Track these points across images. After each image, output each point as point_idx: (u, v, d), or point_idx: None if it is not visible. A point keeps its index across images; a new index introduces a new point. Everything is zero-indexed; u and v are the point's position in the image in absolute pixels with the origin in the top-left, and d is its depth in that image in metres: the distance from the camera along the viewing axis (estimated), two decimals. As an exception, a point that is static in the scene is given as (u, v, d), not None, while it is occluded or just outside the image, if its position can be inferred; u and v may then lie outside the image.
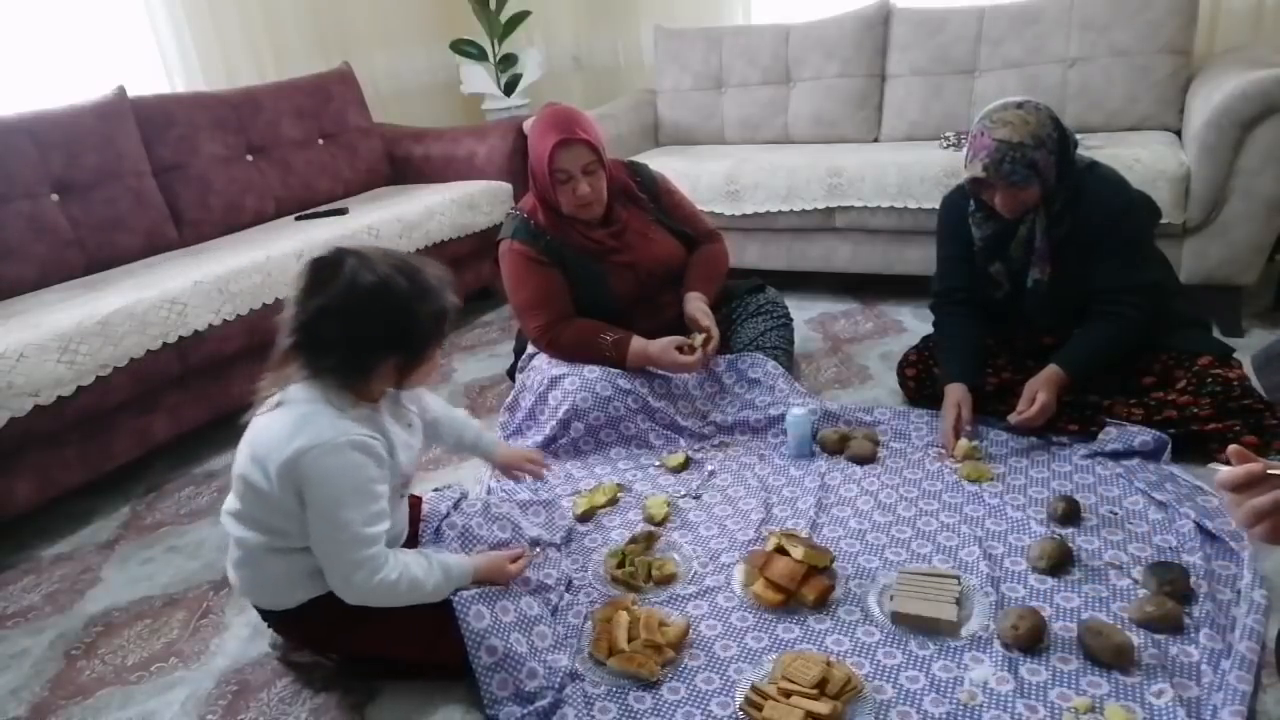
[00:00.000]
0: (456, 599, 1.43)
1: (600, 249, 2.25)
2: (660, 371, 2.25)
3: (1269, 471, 0.84)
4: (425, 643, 1.44)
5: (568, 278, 2.24)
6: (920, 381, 2.25)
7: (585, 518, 1.90)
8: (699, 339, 2.18)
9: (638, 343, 2.18)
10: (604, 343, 2.19)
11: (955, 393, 2.02)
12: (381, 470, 1.37)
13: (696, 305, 2.26)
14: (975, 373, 2.08)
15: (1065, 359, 1.93)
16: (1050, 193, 1.89)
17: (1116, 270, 1.90)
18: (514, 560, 1.55)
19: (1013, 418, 1.95)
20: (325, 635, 1.48)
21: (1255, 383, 1.90)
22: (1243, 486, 0.84)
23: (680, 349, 2.17)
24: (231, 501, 1.45)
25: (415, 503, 1.68)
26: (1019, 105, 1.87)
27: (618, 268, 2.26)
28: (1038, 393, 1.91)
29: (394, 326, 1.33)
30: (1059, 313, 2.00)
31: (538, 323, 2.23)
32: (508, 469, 1.83)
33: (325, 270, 1.31)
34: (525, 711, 1.36)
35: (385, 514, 1.38)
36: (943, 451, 2.01)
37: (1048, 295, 1.98)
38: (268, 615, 1.52)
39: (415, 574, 1.38)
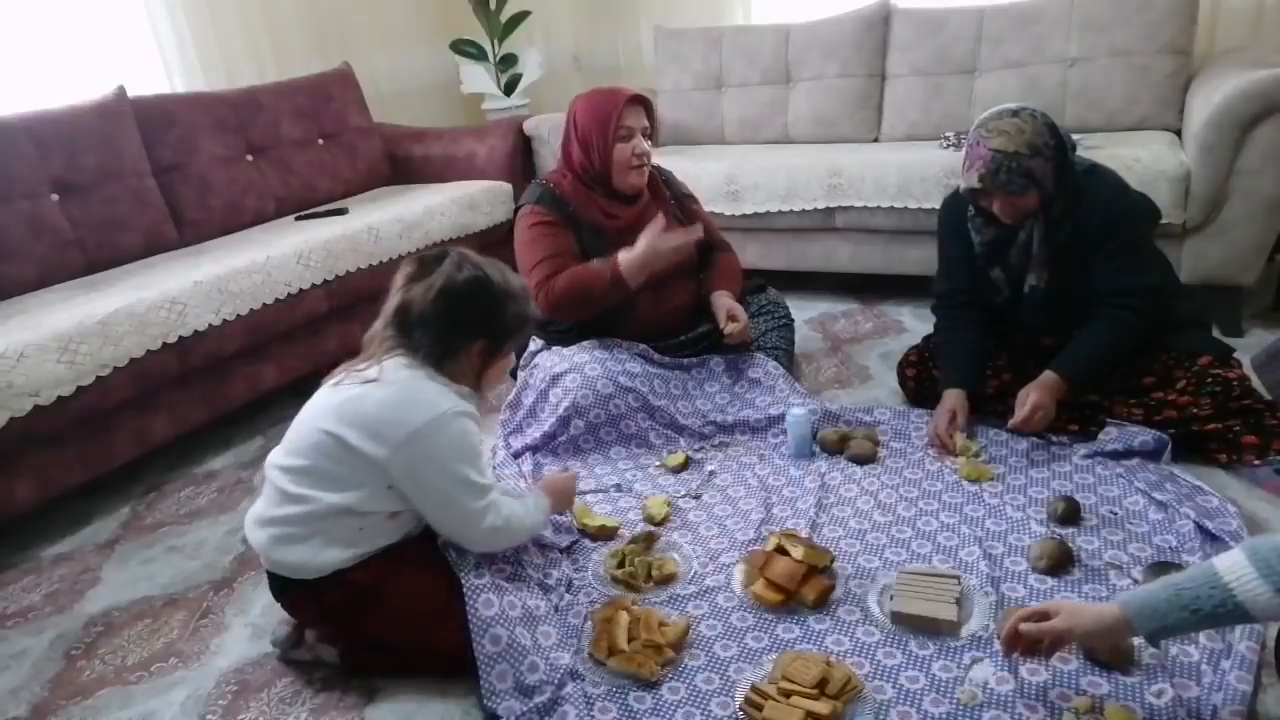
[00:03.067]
0: (467, 586, 1.46)
1: (618, 227, 2.26)
2: (661, 363, 2.25)
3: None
4: (428, 628, 1.46)
5: (579, 250, 2.25)
6: (920, 381, 2.25)
7: (595, 535, 1.83)
8: (734, 328, 2.22)
9: (624, 254, 2.12)
10: (596, 268, 2.15)
11: (951, 398, 2.02)
12: (480, 438, 1.53)
13: (728, 300, 2.30)
14: (975, 378, 2.08)
15: (1062, 364, 1.92)
16: (1049, 198, 1.89)
17: (1116, 274, 1.90)
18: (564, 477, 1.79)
19: (1011, 426, 1.94)
20: (337, 613, 1.49)
21: (1256, 382, 1.90)
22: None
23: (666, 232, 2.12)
24: (289, 459, 1.48)
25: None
26: (1014, 113, 1.86)
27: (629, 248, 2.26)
28: (1030, 394, 1.90)
29: (486, 313, 1.50)
30: (1058, 317, 2.00)
31: (539, 277, 2.20)
32: None
33: (430, 262, 1.49)
34: (525, 708, 1.36)
35: (489, 468, 1.55)
36: (941, 451, 2.01)
37: (1046, 300, 1.98)
38: (284, 587, 1.52)
39: (515, 508, 1.54)
